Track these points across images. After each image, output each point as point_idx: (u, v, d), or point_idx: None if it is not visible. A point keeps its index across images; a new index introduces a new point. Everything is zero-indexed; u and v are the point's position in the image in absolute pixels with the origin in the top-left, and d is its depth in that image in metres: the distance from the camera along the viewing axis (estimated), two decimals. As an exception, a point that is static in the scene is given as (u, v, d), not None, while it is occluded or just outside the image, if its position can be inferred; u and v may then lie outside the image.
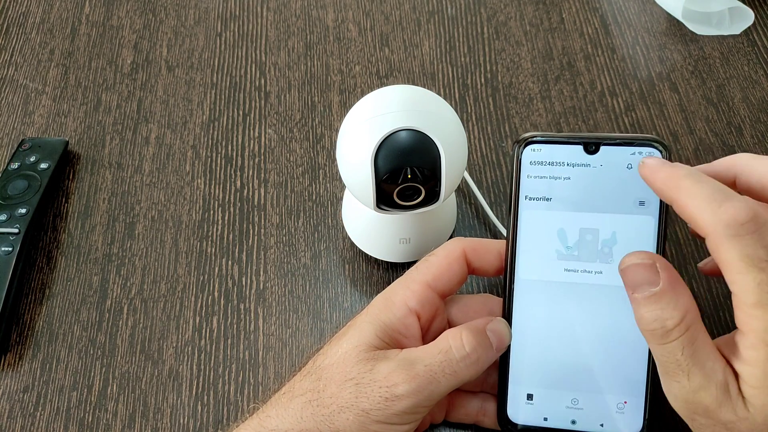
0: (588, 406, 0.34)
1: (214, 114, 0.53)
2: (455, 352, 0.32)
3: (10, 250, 0.44)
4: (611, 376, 0.34)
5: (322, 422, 0.32)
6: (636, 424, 0.34)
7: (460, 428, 0.39)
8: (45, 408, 0.41)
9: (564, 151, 0.34)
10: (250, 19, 0.59)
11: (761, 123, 0.51)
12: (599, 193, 0.34)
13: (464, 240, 0.36)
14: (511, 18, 0.58)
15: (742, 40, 0.56)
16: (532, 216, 0.34)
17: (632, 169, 0.33)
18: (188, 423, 0.40)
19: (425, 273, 0.35)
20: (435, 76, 0.55)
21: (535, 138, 0.34)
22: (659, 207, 0.33)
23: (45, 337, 0.43)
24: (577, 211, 0.34)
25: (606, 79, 0.54)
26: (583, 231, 0.34)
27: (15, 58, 0.57)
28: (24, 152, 0.50)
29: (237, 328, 0.43)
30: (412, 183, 0.36)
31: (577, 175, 0.34)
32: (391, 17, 0.59)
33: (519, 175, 0.34)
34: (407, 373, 0.32)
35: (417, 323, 0.34)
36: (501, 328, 0.34)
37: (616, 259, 0.32)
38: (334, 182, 0.49)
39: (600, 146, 0.33)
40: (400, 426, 0.32)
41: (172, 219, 0.48)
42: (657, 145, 0.33)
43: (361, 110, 0.38)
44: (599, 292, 0.34)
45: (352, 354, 0.33)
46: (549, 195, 0.34)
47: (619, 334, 0.34)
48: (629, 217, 0.33)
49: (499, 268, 0.36)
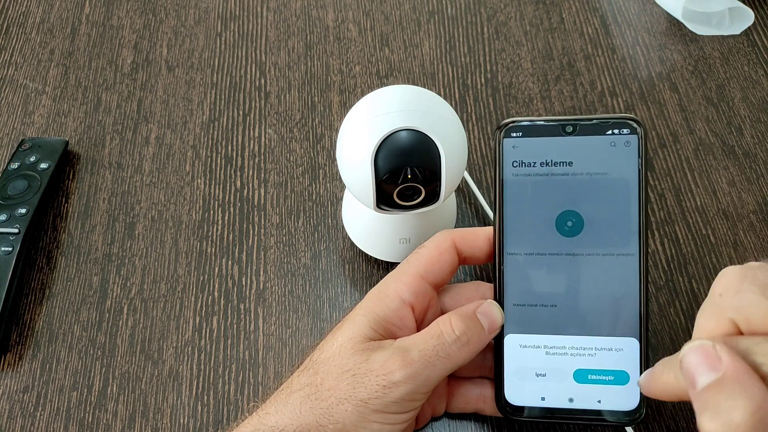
0: (584, 384, 0.35)
1: (214, 114, 0.53)
2: (446, 336, 0.33)
3: (10, 250, 0.44)
4: (606, 351, 0.35)
5: (322, 416, 0.32)
6: (633, 400, 0.34)
7: (461, 419, 0.39)
8: (45, 408, 0.41)
9: (544, 133, 0.36)
10: (250, 19, 0.59)
11: (761, 123, 0.51)
12: (580, 172, 0.35)
13: (453, 231, 0.37)
14: (511, 18, 0.58)
15: (742, 40, 0.56)
16: (517, 193, 0.36)
17: (612, 147, 0.35)
18: (188, 423, 0.40)
19: (417, 265, 0.36)
20: (435, 76, 0.55)
21: (515, 123, 0.36)
22: (638, 187, 0.35)
23: (45, 337, 0.43)
24: (560, 192, 0.36)
25: (606, 79, 0.54)
26: (566, 212, 0.35)
27: (15, 58, 0.57)
28: (24, 152, 0.50)
29: (237, 328, 0.43)
30: (412, 183, 0.36)
31: (558, 154, 0.35)
32: (391, 17, 0.59)
33: (502, 155, 0.36)
34: (402, 360, 0.32)
35: (411, 314, 0.35)
36: (492, 310, 0.35)
37: (600, 231, 0.35)
38: (334, 182, 0.49)
39: (578, 127, 0.35)
40: (399, 415, 0.33)
41: (172, 219, 0.48)
42: (632, 123, 0.35)
43: (361, 110, 0.38)
44: (588, 264, 0.35)
45: (348, 346, 0.33)
46: (533, 173, 0.36)
47: (612, 305, 0.35)
48: (610, 196, 0.35)
49: (489, 253, 0.37)
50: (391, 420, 0.32)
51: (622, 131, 0.35)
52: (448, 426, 0.39)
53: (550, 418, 0.35)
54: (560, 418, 0.35)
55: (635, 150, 0.35)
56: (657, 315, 0.43)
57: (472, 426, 0.39)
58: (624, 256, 0.35)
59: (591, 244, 0.35)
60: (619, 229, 0.35)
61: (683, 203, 0.47)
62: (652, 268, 0.45)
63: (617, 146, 0.35)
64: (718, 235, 0.46)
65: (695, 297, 0.43)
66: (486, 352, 0.36)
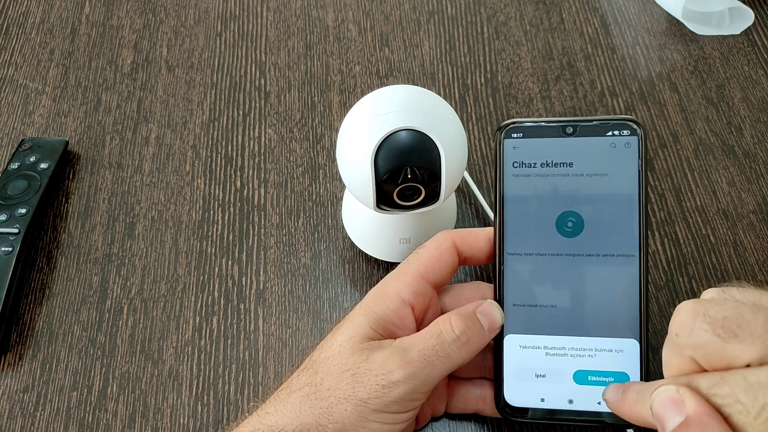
0: (584, 385, 0.35)
1: (214, 114, 0.53)
2: (446, 336, 0.33)
3: (10, 250, 0.44)
4: (606, 353, 0.35)
5: (321, 415, 0.32)
6: None
7: (461, 419, 0.39)
8: (45, 408, 0.41)
9: (544, 134, 0.36)
10: (250, 19, 0.59)
11: (761, 123, 0.51)
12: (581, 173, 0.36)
13: (453, 231, 0.37)
14: (511, 18, 0.58)
15: (742, 40, 0.56)
16: (518, 194, 0.36)
17: (612, 148, 0.35)
18: (188, 423, 0.40)
19: (417, 265, 0.36)
20: (435, 76, 0.55)
21: (516, 124, 0.36)
22: (638, 189, 0.35)
23: (45, 337, 0.43)
24: (560, 192, 0.36)
25: (606, 79, 0.54)
26: (566, 212, 0.36)
27: (15, 58, 0.57)
28: (24, 152, 0.50)
29: (237, 328, 0.43)
30: (412, 183, 0.36)
31: (558, 155, 0.36)
32: (391, 17, 0.59)
33: (502, 156, 0.36)
34: (402, 359, 0.32)
35: (411, 314, 0.35)
36: (491, 310, 0.35)
37: (601, 232, 0.35)
38: (334, 182, 0.49)
39: (578, 128, 0.36)
40: (398, 414, 0.33)
41: (172, 219, 0.48)
42: (632, 125, 0.35)
43: (361, 110, 0.38)
44: (588, 264, 0.35)
45: (347, 346, 0.33)
46: (533, 174, 0.36)
47: (612, 306, 0.35)
48: (611, 197, 0.35)
49: (489, 253, 0.37)
50: (391, 420, 0.32)
51: (622, 133, 0.35)
52: (448, 426, 0.39)
53: (549, 419, 0.35)
54: (560, 419, 0.35)
55: (635, 151, 0.35)
56: (657, 315, 0.43)
57: (472, 426, 0.39)
58: (624, 257, 0.35)
59: (591, 244, 0.35)
60: (620, 230, 0.35)
61: (683, 203, 0.47)
62: (652, 268, 0.45)
63: (617, 147, 0.35)
64: (718, 235, 0.46)
65: (695, 297, 0.43)
66: (486, 353, 0.36)
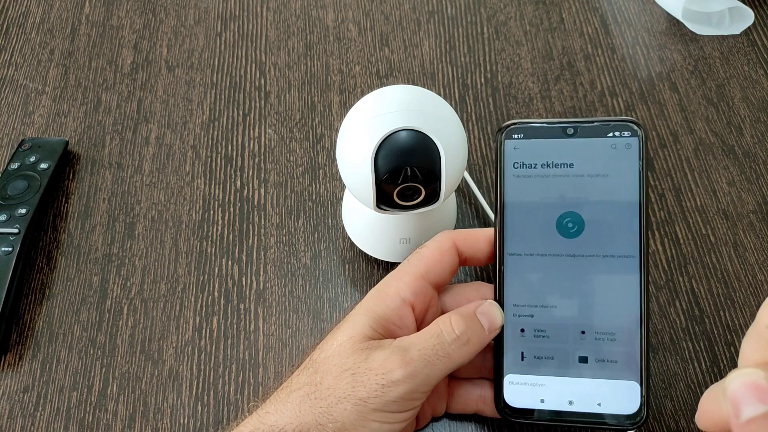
0: (584, 387, 0.35)
1: (214, 114, 0.53)
2: (446, 335, 0.33)
3: (10, 250, 0.44)
4: (606, 355, 0.35)
5: (321, 415, 0.32)
6: (633, 404, 0.34)
7: (461, 419, 0.39)
8: (45, 408, 0.41)
9: (545, 135, 0.36)
10: (250, 19, 0.59)
11: (761, 123, 0.51)
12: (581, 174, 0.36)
13: (454, 231, 0.37)
14: (511, 18, 0.58)
15: (742, 40, 0.56)
16: (518, 194, 0.36)
17: (613, 149, 0.35)
18: (188, 423, 0.40)
19: (417, 265, 0.36)
20: (435, 76, 0.55)
21: (516, 124, 0.36)
22: (638, 190, 0.35)
23: (45, 337, 0.43)
24: (561, 193, 0.36)
25: (606, 79, 0.54)
26: (567, 213, 0.36)
27: (15, 58, 0.57)
28: (24, 152, 0.50)
29: (237, 328, 0.43)
30: (412, 183, 0.36)
31: (559, 156, 0.36)
32: (391, 17, 0.59)
33: (503, 157, 0.36)
34: (402, 359, 0.32)
35: (411, 314, 0.35)
36: (491, 310, 0.35)
37: (601, 233, 0.35)
38: (334, 182, 0.49)
39: (578, 129, 0.36)
40: (398, 414, 0.33)
41: (172, 219, 0.48)
42: (632, 126, 0.35)
43: (361, 110, 0.38)
44: (588, 265, 0.35)
45: (347, 345, 0.33)
46: (534, 174, 0.36)
47: (612, 306, 0.35)
48: (611, 197, 0.35)
49: (490, 254, 0.37)
50: (391, 419, 0.32)
51: (622, 134, 0.35)
52: (448, 426, 0.39)
53: (549, 420, 0.35)
54: (560, 420, 0.35)
55: (636, 152, 0.35)
56: (657, 315, 0.43)
57: (472, 427, 0.39)
58: (624, 258, 0.35)
59: (592, 245, 0.35)
60: (620, 231, 0.35)
61: (683, 203, 0.47)
62: (652, 268, 0.45)
63: (618, 148, 0.35)
64: (718, 234, 0.46)
65: (695, 297, 0.43)
66: (486, 353, 0.36)
